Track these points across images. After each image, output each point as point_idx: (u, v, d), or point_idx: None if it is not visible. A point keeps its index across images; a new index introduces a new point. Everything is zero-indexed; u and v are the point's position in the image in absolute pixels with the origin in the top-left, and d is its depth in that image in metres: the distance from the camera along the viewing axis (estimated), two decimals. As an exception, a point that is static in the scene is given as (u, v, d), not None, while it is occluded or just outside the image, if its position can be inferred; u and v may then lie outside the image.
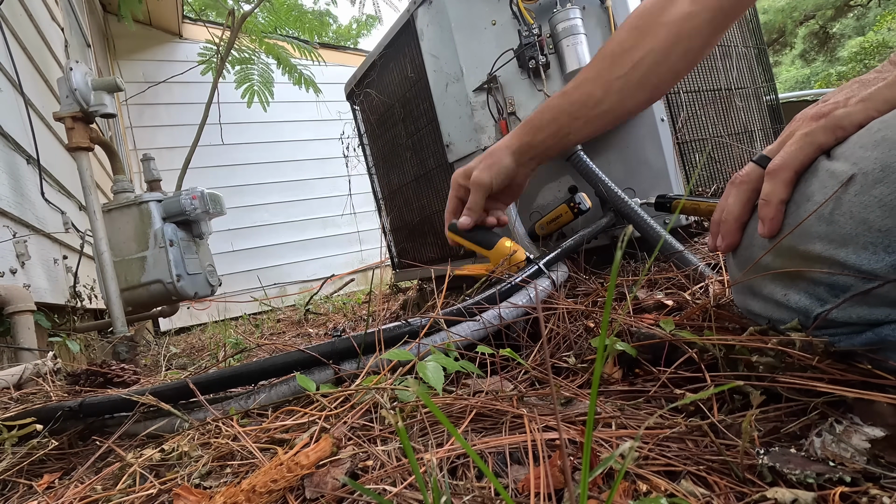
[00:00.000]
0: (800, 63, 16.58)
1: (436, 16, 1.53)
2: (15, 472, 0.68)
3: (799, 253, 0.50)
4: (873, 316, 0.46)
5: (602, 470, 0.42)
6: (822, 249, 0.47)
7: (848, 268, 0.45)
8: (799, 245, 0.50)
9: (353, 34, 10.96)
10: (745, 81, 1.65)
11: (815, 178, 0.49)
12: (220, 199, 2.19)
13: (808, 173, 0.50)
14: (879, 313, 0.46)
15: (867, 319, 0.46)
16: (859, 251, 0.44)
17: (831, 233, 0.46)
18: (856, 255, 0.44)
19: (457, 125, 1.56)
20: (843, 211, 0.45)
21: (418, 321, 0.81)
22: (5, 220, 1.43)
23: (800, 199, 0.50)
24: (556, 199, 1.45)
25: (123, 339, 1.71)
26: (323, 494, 0.46)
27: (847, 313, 0.47)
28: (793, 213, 0.51)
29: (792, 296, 0.52)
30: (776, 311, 0.55)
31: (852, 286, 0.46)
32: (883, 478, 0.37)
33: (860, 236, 0.44)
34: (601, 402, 0.59)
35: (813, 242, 0.48)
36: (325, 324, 2.35)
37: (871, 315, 0.46)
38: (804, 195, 0.50)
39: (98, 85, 1.70)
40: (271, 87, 4.05)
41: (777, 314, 0.55)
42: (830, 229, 0.46)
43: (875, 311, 0.46)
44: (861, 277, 0.45)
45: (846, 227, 0.45)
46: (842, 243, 0.45)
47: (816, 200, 0.48)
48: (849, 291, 0.46)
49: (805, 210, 0.49)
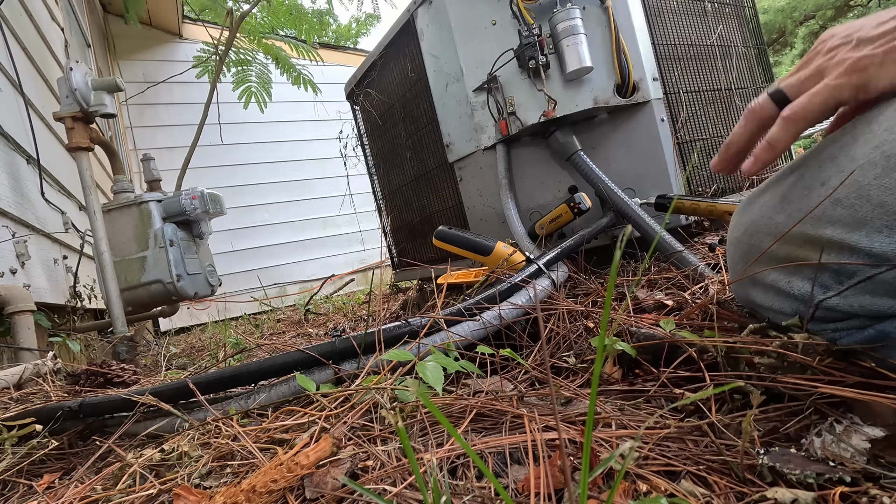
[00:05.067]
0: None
1: (436, 16, 1.53)
2: (15, 472, 0.68)
3: (808, 238, 0.49)
4: (876, 306, 0.46)
5: (602, 470, 0.42)
6: (833, 233, 0.47)
7: (859, 251, 0.45)
8: (809, 230, 0.49)
9: (353, 34, 10.95)
10: (745, 81, 1.65)
11: (833, 164, 0.48)
12: (220, 199, 2.19)
13: (825, 159, 0.49)
14: (883, 304, 0.45)
15: (870, 310, 0.46)
16: (873, 234, 0.44)
17: (846, 216, 0.45)
18: (868, 238, 0.44)
19: (457, 125, 1.56)
20: (860, 194, 0.44)
21: (418, 321, 0.81)
22: (5, 220, 1.43)
23: (813, 182, 0.49)
24: (556, 199, 1.45)
25: (123, 339, 1.71)
26: (323, 494, 0.46)
27: (850, 301, 0.47)
28: (804, 197, 0.50)
29: (795, 283, 0.52)
30: (777, 299, 0.55)
31: (858, 272, 0.46)
32: (883, 478, 0.37)
33: (876, 219, 0.43)
34: (601, 402, 0.59)
35: (824, 227, 0.47)
36: (325, 324, 2.35)
37: (873, 305, 0.46)
38: (818, 179, 0.49)
39: (98, 85, 1.70)
40: (269, 88, 4.04)
41: (778, 303, 0.55)
42: (845, 213, 0.45)
43: (878, 302, 0.45)
44: (869, 263, 0.44)
45: (862, 210, 0.44)
46: (856, 227, 0.45)
47: (832, 185, 0.47)
48: (854, 278, 0.46)
49: (818, 195, 0.48)
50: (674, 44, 1.49)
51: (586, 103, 1.36)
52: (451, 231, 1.20)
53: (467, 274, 1.16)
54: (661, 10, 1.48)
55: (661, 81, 1.43)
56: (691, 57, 1.52)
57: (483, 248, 1.09)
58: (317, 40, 4.74)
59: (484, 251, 1.09)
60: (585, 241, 1.22)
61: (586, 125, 1.44)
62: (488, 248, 1.08)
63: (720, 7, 1.63)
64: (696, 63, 1.53)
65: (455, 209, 1.67)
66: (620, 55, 1.34)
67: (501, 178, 1.43)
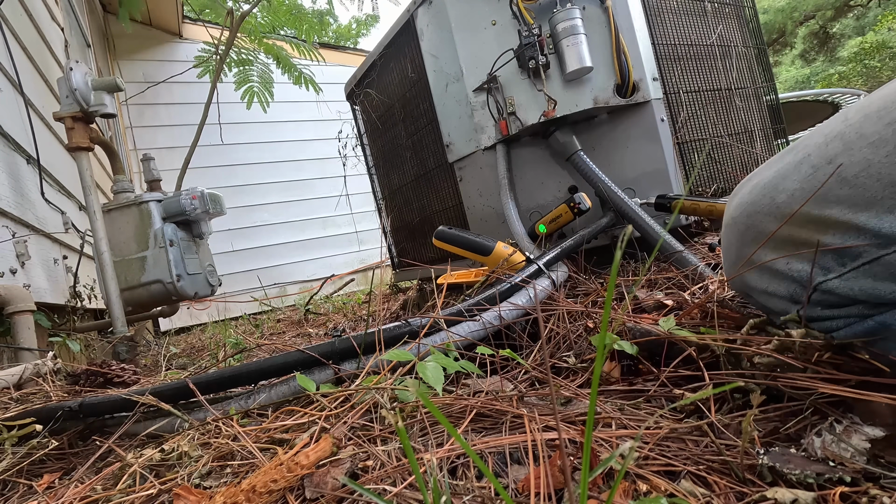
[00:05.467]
0: (800, 63, 16.58)
1: (436, 16, 1.53)
2: (15, 472, 0.68)
3: (811, 218, 0.48)
4: (877, 291, 0.45)
5: (602, 470, 0.42)
6: (839, 213, 0.46)
7: (866, 232, 0.44)
8: (813, 210, 0.48)
9: (353, 34, 10.95)
10: (745, 81, 1.65)
11: (840, 140, 0.47)
12: (220, 199, 2.19)
13: (832, 136, 0.48)
14: (884, 288, 0.44)
15: (871, 294, 0.45)
16: (882, 215, 0.43)
17: (854, 196, 0.45)
18: (877, 218, 0.43)
19: (457, 125, 1.56)
20: (870, 173, 0.43)
21: (418, 321, 0.81)
22: (5, 220, 1.43)
23: (818, 161, 0.48)
24: (556, 199, 1.45)
25: (123, 339, 1.71)
26: (323, 494, 0.46)
27: (851, 285, 0.46)
28: (809, 176, 0.49)
29: (795, 264, 0.51)
30: (773, 281, 0.54)
31: (864, 253, 0.45)
32: (883, 478, 0.37)
33: (887, 199, 0.43)
34: (601, 401, 0.59)
35: (830, 206, 0.46)
36: (325, 324, 2.35)
37: (875, 290, 0.45)
38: (824, 157, 0.48)
39: (98, 85, 1.70)
40: (271, 88, 4.05)
41: (774, 286, 0.54)
42: (854, 192, 0.45)
43: (880, 286, 0.44)
44: (876, 244, 0.43)
45: (872, 190, 0.43)
46: (864, 206, 0.44)
47: (839, 163, 0.46)
48: (859, 259, 0.45)
49: (824, 174, 0.47)
50: (674, 44, 1.49)
51: (586, 103, 1.36)
52: (451, 231, 1.20)
53: (467, 274, 1.16)
54: (661, 10, 1.48)
55: (661, 81, 1.43)
56: (691, 57, 1.52)
57: (483, 249, 1.09)
58: (317, 40, 4.74)
59: (484, 251, 1.09)
60: (585, 241, 1.22)
61: (586, 125, 1.44)
62: (488, 248, 1.08)
63: (720, 7, 1.63)
64: (696, 63, 1.53)
65: (455, 209, 1.67)
66: (620, 55, 1.34)
67: (501, 178, 1.43)
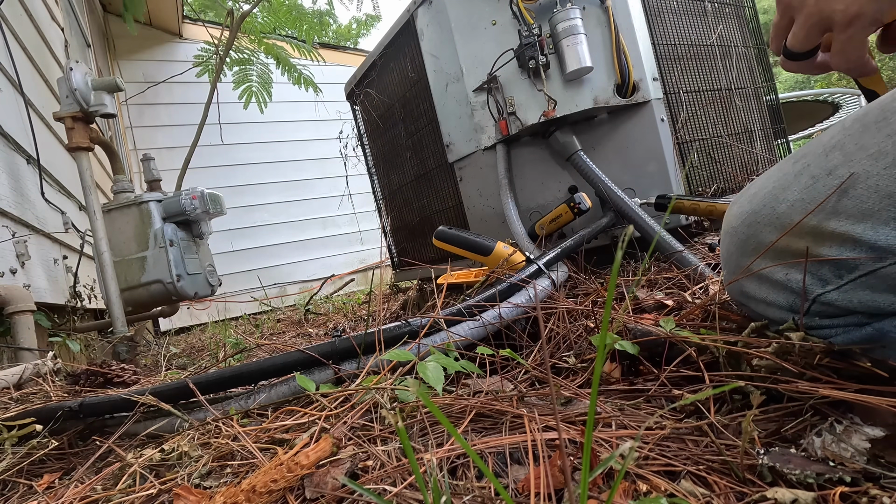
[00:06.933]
0: (800, 63, 16.59)
1: (436, 16, 1.53)
2: (15, 472, 0.68)
3: (809, 229, 0.48)
4: (875, 302, 0.45)
5: (602, 470, 0.42)
6: (837, 225, 0.46)
7: (862, 244, 0.44)
8: (811, 220, 0.48)
9: (353, 34, 10.95)
10: (745, 81, 1.65)
11: (840, 151, 0.47)
12: (220, 199, 2.19)
13: (831, 146, 0.48)
14: (883, 300, 0.44)
15: (869, 306, 0.45)
16: (878, 226, 0.43)
17: (851, 207, 0.45)
18: (874, 230, 0.43)
19: (457, 125, 1.56)
20: (868, 185, 0.43)
21: (418, 321, 0.81)
22: (5, 220, 1.43)
23: (818, 171, 0.48)
24: (556, 199, 1.45)
25: (123, 339, 1.71)
26: (323, 494, 0.46)
27: (849, 297, 0.46)
28: (809, 186, 0.49)
29: (794, 275, 0.51)
30: (772, 291, 0.54)
31: (860, 266, 0.44)
32: (883, 478, 0.37)
33: (883, 211, 0.43)
34: (601, 401, 0.59)
35: (828, 218, 0.46)
36: (325, 324, 2.35)
37: (873, 301, 0.45)
38: (824, 168, 0.48)
39: (98, 85, 1.70)
40: (270, 88, 4.04)
41: (773, 296, 0.54)
42: (851, 204, 0.45)
43: (878, 298, 0.44)
44: (872, 257, 0.43)
45: (869, 202, 0.43)
46: (860, 218, 0.44)
47: (839, 175, 0.46)
48: (855, 272, 0.45)
49: (824, 185, 0.47)
50: (674, 44, 1.49)
51: (586, 103, 1.36)
52: (451, 231, 1.20)
53: (467, 274, 1.16)
54: (661, 10, 1.48)
55: (661, 81, 1.43)
56: (691, 57, 1.52)
57: (483, 249, 1.09)
58: (317, 40, 4.74)
59: (484, 251, 1.09)
60: (585, 241, 1.22)
61: (586, 125, 1.44)
62: (488, 248, 1.08)
63: (720, 7, 1.63)
64: (696, 63, 1.53)
65: (455, 209, 1.67)
66: (620, 55, 1.34)
67: (501, 178, 1.43)
